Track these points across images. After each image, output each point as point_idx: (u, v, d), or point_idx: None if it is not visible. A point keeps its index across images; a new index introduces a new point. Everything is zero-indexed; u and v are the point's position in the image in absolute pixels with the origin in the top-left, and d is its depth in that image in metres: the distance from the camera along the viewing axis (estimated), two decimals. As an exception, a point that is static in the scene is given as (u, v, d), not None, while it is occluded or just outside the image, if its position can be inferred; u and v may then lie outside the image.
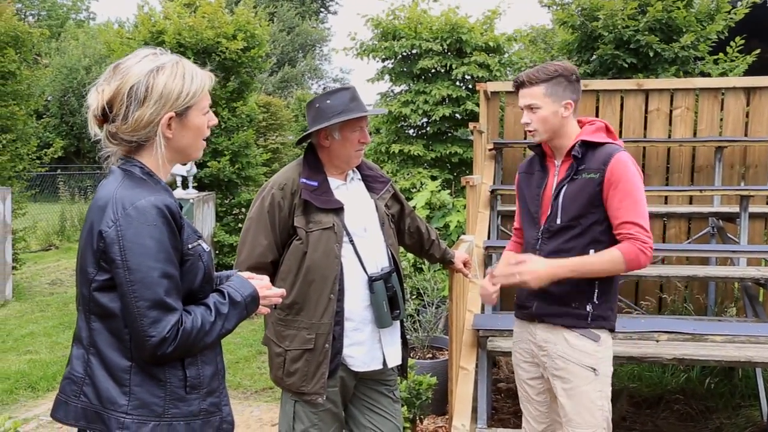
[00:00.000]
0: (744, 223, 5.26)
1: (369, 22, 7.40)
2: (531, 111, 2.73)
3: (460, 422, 3.52)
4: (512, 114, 6.39)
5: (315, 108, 2.85)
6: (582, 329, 2.71)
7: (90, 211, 1.80)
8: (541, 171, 2.86)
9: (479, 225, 5.21)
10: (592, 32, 6.62)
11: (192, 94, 1.84)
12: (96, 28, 30.24)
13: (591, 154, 2.69)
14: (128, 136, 1.81)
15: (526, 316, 2.87)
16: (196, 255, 1.82)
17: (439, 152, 7.30)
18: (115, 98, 1.80)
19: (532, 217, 2.83)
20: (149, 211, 1.72)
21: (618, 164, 2.62)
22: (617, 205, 2.61)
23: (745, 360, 4.06)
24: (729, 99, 6.06)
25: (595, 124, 2.76)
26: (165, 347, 1.70)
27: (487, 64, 7.19)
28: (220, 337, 1.82)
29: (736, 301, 5.85)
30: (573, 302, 2.70)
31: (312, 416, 2.83)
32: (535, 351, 2.85)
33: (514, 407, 5.28)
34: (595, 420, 2.68)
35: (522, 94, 2.75)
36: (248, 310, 1.91)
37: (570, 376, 2.71)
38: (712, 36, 6.71)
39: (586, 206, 2.66)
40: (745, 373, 5.36)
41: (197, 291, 1.83)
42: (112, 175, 1.84)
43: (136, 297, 1.68)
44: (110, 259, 1.71)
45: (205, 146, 1.98)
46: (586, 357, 2.70)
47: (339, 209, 2.82)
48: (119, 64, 1.85)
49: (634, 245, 2.58)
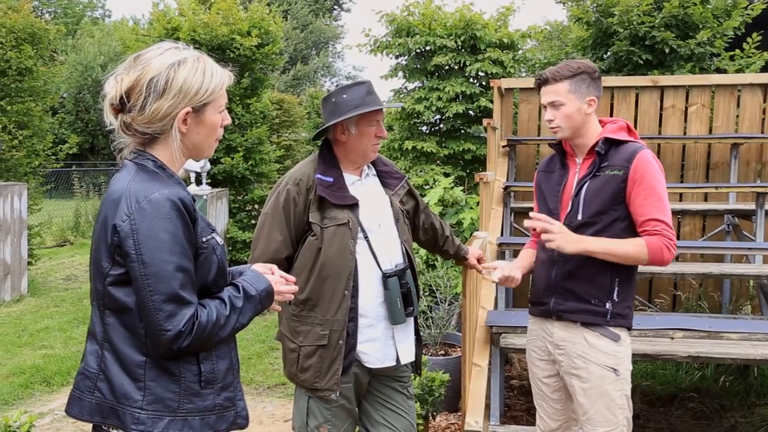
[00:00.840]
0: (760, 220, 5.21)
1: (383, 18, 7.40)
2: (554, 108, 2.71)
3: (473, 419, 3.51)
4: (526, 111, 6.38)
5: (331, 102, 2.85)
6: (601, 328, 2.69)
7: (103, 204, 1.81)
8: (561, 169, 2.85)
9: (492, 222, 5.20)
10: (607, 28, 6.58)
11: (211, 91, 1.84)
12: (111, 26, 30.41)
13: (614, 152, 2.68)
14: (143, 128, 1.81)
15: (543, 312, 2.86)
16: (210, 248, 1.83)
17: (452, 149, 7.28)
18: (134, 88, 1.80)
19: (551, 213, 2.80)
20: (163, 204, 1.72)
21: (642, 161, 2.62)
22: (641, 203, 2.60)
23: (762, 358, 4.02)
24: (745, 96, 6.01)
25: (617, 123, 2.75)
26: (180, 341, 1.70)
27: (501, 60, 7.16)
28: (234, 331, 1.83)
29: (752, 299, 5.81)
30: (592, 299, 2.69)
31: (326, 412, 2.83)
32: (550, 349, 2.84)
33: (527, 404, 5.27)
34: (616, 419, 2.67)
35: (545, 90, 2.73)
36: (263, 305, 1.92)
37: (590, 376, 2.69)
38: (729, 32, 6.66)
39: (608, 202, 2.65)
40: (760, 372, 5.32)
41: (211, 285, 1.83)
42: (125, 168, 1.85)
43: (151, 291, 1.69)
44: (125, 253, 1.72)
45: (216, 145, 1.98)
46: (606, 357, 2.68)
47: (354, 205, 2.82)
48: (140, 54, 1.85)
49: (660, 240, 2.58)
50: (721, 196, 5.96)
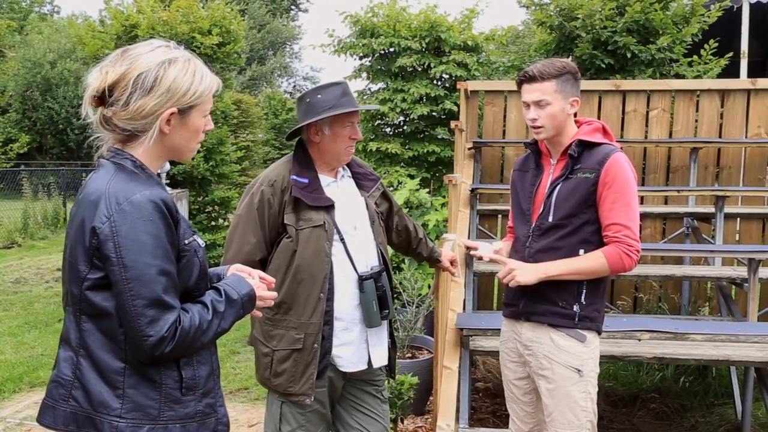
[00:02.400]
0: (720, 223, 5.32)
1: (347, 19, 7.34)
2: (539, 107, 2.67)
3: (444, 422, 3.49)
4: (491, 113, 6.40)
5: (305, 103, 2.79)
6: (568, 329, 2.69)
7: (79, 206, 1.73)
8: (535, 169, 2.84)
9: (459, 224, 5.19)
10: (570, 33, 6.65)
11: (199, 94, 1.79)
12: (61, 22, 29.69)
13: (587, 154, 2.67)
14: (124, 124, 1.74)
15: (513, 314, 2.85)
16: (191, 251, 1.77)
17: (417, 151, 7.26)
18: (119, 82, 1.73)
19: (524, 214, 2.81)
20: (145, 205, 1.66)
21: (614, 165, 2.60)
22: (609, 206, 2.60)
23: (724, 359, 4.10)
24: (704, 101, 6.13)
25: (592, 125, 2.74)
26: (163, 347, 1.64)
27: (465, 63, 7.17)
28: (216, 336, 1.77)
29: (709, 300, 5.92)
30: (560, 301, 2.69)
31: (299, 417, 2.78)
32: (520, 350, 2.83)
33: (492, 407, 5.28)
34: (578, 421, 2.66)
35: (530, 89, 2.68)
36: (245, 310, 1.86)
37: (554, 376, 2.69)
38: (687, 39, 6.79)
39: (578, 205, 2.64)
40: (718, 372, 5.43)
41: (193, 288, 1.77)
42: (102, 168, 1.77)
43: (133, 295, 1.62)
44: (104, 257, 1.64)
45: (197, 149, 1.92)
46: (571, 357, 2.68)
47: (330, 207, 2.77)
48: (129, 49, 1.78)
49: (617, 248, 2.58)
50: (680, 199, 6.06)
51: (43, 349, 6.52)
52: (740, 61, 9.95)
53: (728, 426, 4.82)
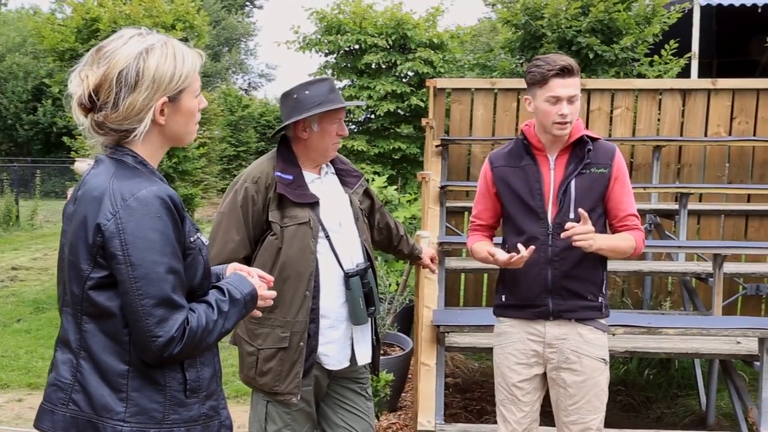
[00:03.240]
0: (683, 219, 5.44)
1: (314, 15, 7.30)
2: (571, 102, 2.63)
3: (425, 419, 3.51)
4: (458, 111, 6.42)
5: (293, 99, 2.76)
6: (594, 321, 2.76)
7: (79, 203, 1.68)
8: (533, 164, 2.78)
9: (430, 221, 5.20)
10: (535, 31, 6.72)
11: (185, 77, 1.72)
12: (10, 15, 28.87)
13: (593, 149, 2.74)
14: (117, 125, 1.68)
15: (536, 315, 2.77)
16: (197, 249, 1.73)
17: (382, 148, 7.27)
18: (102, 84, 1.66)
19: (534, 212, 2.75)
20: (152, 201, 1.61)
21: (619, 159, 2.74)
22: (621, 199, 2.72)
23: (693, 351, 4.21)
24: (666, 100, 6.26)
25: (578, 121, 2.77)
26: (172, 348, 1.60)
27: (431, 60, 7.20)
28: (220, 336, 1.73)
29: (669, 295, 6.06)
30: (588, 294, 2.74)
31: (285, 416, 2.76)
32: (540, 350, 2.78)
33: (463, 402, 5.32)
34: (602, 406, 2.78)
35: (566, 83, 2.60)
36: (247, 309, 1.83)
37: (583, 369, 2.73)
38: (649, 39, 6.93)
39: (596, 200, 2.72)
40: (681, 364, 5.55)
41: (197, 287, 1.73)
42: (101, 164, 1.72)
43: (141, 295, 1.58)
44: (110, 255, 1.59)
45: (197, 129, 1.87)
46: (598, 349, 2.75)
47: (315, 203, 2.75)
48: (102, 47, 1.70)
49: (640, 234, 2.74)
50: (643, 196, 6.17)
51: (3, 350, 6.34)
52: (691, 62, 10.23)
53: (693, 417, 4.94)
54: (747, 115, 6.19)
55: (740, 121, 6.22)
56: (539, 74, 2.63)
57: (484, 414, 5.08)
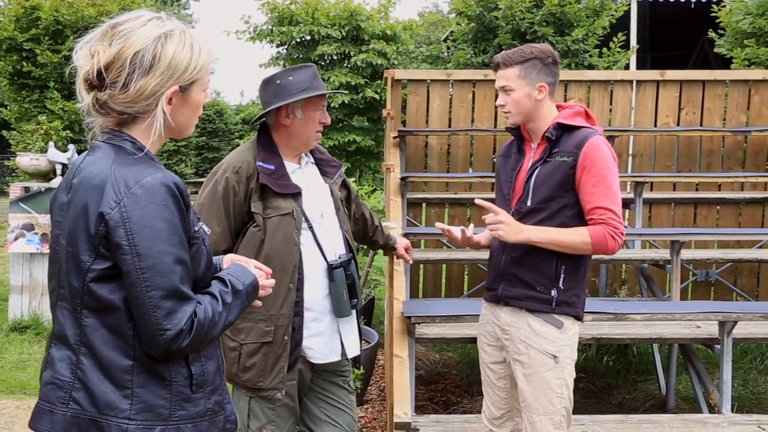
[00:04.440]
0: (639, 208, 5.56)
1: (265, 5, 7.17)
2: (505, 93, 2.70)
3: (401, 411, 3.45)
4: (414, 102, 6.40)
5: (275, 84, 2.68)
6: (545, 314, 2.68)
7: (77, 191, 1.58)
8: (517, 154, 2.83)
9: (393, 212, 5.17)
10: (489, 22, 6.76)
11: (199, 68, 1.67)
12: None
13: (566, 137, 2.66)
14: (122, 107, 1.60)
15: (493, 298, 2.84)
16: (200, 239, 1.66)
17: (337, 140, 7.20)
18: (114, 63, 1.58)
19: (505, 198, 2.80)
20: (158, 189, 1.53)
21: (592, 148, 2.59)
22: (590, 190, 2.58)
23: (656, 337, 4.30)
24: (617, 91, 6.38)
25: (573, 109, 2.74)
26: (180, 341, 1.52)
27: (385, 52, 7.17)
28: (224, 329, 1.66)
29: (624, 282, 6.19)
30: (538, 286, 2.68)
31: (269, 412, 2.69)
32: (498, 334, 2.82)
33: (428, 393, 5.32)
34: (553, 407, 2.66)
35: (497, 75, 2.72)
36: (249, 300, 1.76)
37: (530, 361, 2.69)
38: (599, 31, 7.05)
39: (556, 189, 2.63)
40: (639, 350, 5.68)
41: (200, 278, 1.66)
42: (98, 150, 1.62)
43: (148, 286, 1.50)
44: (115, 245, 1.51)
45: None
46: (547, 343, 2.67)
47: (297, 194, 2.69)
48: (118, 24, 1.62)
49: (603, 229, 2.57)
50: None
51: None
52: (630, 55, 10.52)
53: (653, 401, 5.05)
54: (694, 105, 6.35)
55: (687, 112, 6.38)
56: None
57: (450, 405, 5.09)
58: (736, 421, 3.76)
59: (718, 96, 6.29)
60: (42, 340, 6.29)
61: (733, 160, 6.33)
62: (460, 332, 4.36)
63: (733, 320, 3.89)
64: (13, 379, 5.31)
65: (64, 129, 7.16)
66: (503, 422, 2.89)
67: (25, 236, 6.44)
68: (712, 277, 6.01)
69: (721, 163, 6.34)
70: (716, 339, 4.08)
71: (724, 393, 3.96)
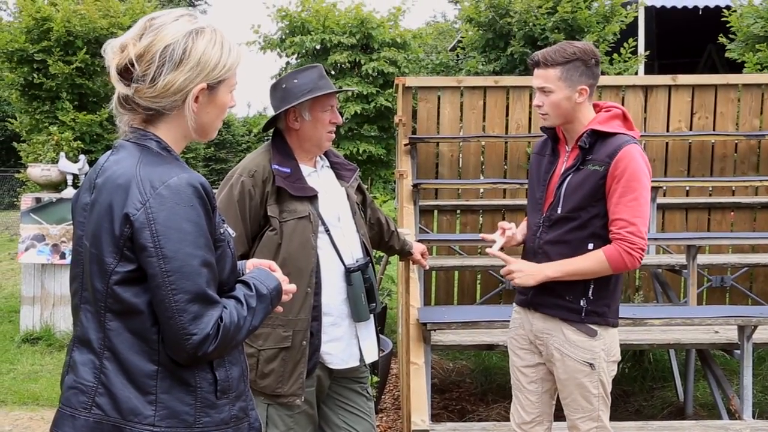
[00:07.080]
0: (654, 213, 5.51)
1: (276, 13, 7.17)
2: (543, 93, 2.60)
3: (419, 418, 3.42)
4: (425, 110, 6.38)
5: (281, 89, 2.68)
6: (577, 323, 2.64)
7: (101, 191, 1.55)
8: (551, 155, 2.75)
9: (406, 219, 5.15)
10: (501, 29, 6.74)
11: (228, 68, 1.65)
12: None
13: (600, 144, 2.58)
14: (148, 102, 1.58)
15: (524, 303, 2.79)
16: (225, 241, 1.63)
17: (349, 150, 7.18)
18: (144, 55, 1.56)
19: (537, 202, 2.74)
20: (184, 189, 1.51)
21: (624, 157, 2.51)
22: (616, 200, 2.52)
23: (674, 342, 4.25)
24: (629, 96, 6.34)
25: (611, 111, 2.65)
26: (207, 346, 1.49)
27: (396, 60, 7.15)
28: (248, 334, 1.63)
29: (638, 289, 6.13)
30: (568, 295, 2.63)
31: (288, 419, 2.65)
32: (531, 339, 2.79)
33: (442, 402, 5.27)
34: (592, 406, 2.65)
35: (536, 74, 2.61)
36: (273, 305, 1.74)
37: (566, 368, 2.66)
38: (609, 37, 7.02)
39: (586, 198, 2.57)
40: (655, 357, 5.62)
41: (225, 282, 1.63)
42: (123, 149, 1.60)
43: (175, 290, 1.47)
44: (140, 247, 1.48)
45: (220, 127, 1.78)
46: (582, 352, 2.63)
47: (314, 197, 2.67)
48: (153, 17, 1.62)
49: (619, 246, 2.51)
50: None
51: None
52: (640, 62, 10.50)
53: (671, 408, 4.99)
54: (707, 110, 6.31)
55: (700, 116, 6.33)
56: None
57: (465, 413, 5.04)
58: (759, 427, 3.71)
59: (730, 100, 6.24)
60: (53, 351, 6.27)
61: (746, 165, 6.27)
62: (475, 339, 4.33)
63: (753, 324, 3.84)
64: (25, 391, 5.29)
65: (75, 140, 7.16)
66: (533, 427, 2.84)
67: (36, 247, 6.43)
68: (727, 282, 5.96)
69: (734, 168, 6.28)
70: (735, 344, 4.03)
71: (745, 399, 3.91)
